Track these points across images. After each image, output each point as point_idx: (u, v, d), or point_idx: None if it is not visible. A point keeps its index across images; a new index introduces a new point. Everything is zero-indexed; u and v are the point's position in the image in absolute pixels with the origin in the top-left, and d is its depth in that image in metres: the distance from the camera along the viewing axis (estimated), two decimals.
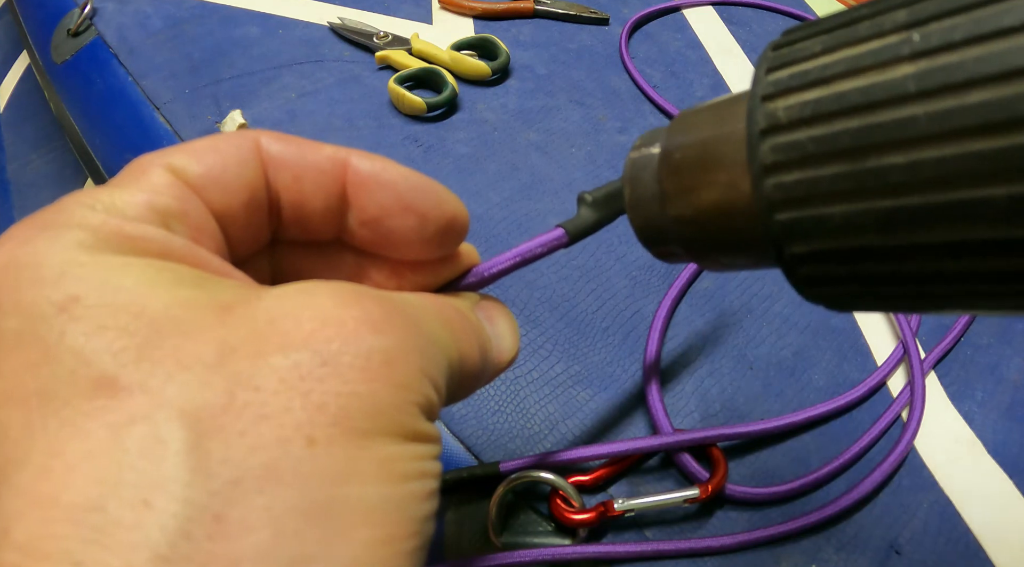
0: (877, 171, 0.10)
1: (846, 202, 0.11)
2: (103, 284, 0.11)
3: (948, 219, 0.10)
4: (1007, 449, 0.29)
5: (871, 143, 0.10)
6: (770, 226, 0.12)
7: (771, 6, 0.53)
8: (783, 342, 0.31)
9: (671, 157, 0.14)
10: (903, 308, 0.12)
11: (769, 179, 0.12)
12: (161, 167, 0.13)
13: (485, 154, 0.38)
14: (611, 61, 0.46)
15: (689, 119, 0.14)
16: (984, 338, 0.33)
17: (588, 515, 0.23)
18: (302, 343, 0.11)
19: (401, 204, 0.15)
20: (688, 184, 0.14)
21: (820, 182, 0.11)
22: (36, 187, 0.57)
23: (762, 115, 0.12)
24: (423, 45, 0.42)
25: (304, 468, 0.10)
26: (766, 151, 0.12)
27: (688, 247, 0.15)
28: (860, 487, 0.26)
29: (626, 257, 0.33)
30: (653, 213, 0.15)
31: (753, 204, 0.12)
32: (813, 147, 0.11)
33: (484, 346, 0.16)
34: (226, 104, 0.38)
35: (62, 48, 0.43)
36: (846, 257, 0.11)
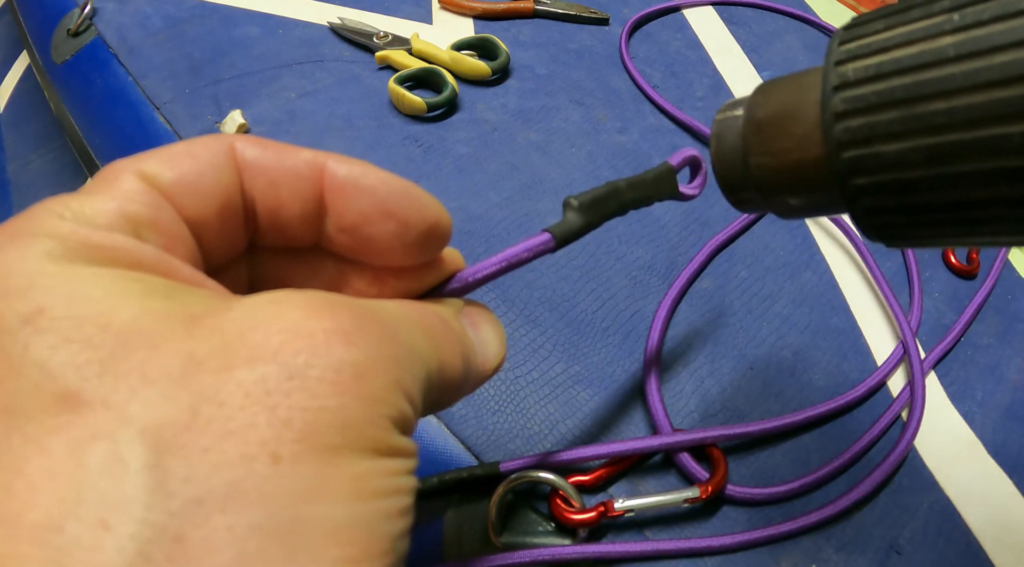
0: (923, 115, 0.13)
1: (899, 141, 0.14)
2: (70, 295, 0.11)
3: (977, 152, 0.13)
4: (1007, 449, 0.29)
5: (919, 94, 0.13)
6: (838, 163, 0.15)
7: (771, 6, 0.53)
8: (783, 342, 0.31)
9: (754, 116, 0.17)
10: (942, 237, 0.15)
11: (839, 124, 0.15)
12: (133, 174, 0.13)
13: (485, 154, 0.38)
14: (611, 61, 0.46)
15: (769, 87, 0.18)
16: (984, 338, 0.33)
17: (588, 515, 0.23)
18: (270, 356, 0.11)
19: (381, 210, 0.15)
20: (769, 136, 0.17)
21: (879, 125, 0.14)
22: (36, 187, 0.57)
23: (835, 75, 0.15)
24: (423, 45, 0.42)
25: (269, 486, 0.10)
26: (837, 102, 0.15)
27: (766, 192, 0.18)
28: (860, 487, 0.26)
29: (626, 257, 0.33)
30: (736, 164, 0.18)
31: (824, 149, 0.15)
32: (875, 98, 0.14)
33: (467, 354, 0.16)
34: (226, 104, 0.38)
35: (62, 48, 0.43)
36: (898, 188, 0.14)
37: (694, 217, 0.36)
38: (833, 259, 0.35)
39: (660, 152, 0.39)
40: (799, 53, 0.49)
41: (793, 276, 0.34)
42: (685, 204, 0.36)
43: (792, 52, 0.49)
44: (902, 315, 0.32)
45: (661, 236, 0.35)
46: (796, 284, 0.34)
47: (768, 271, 0.34)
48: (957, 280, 0.36)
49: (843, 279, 0.35)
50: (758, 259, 0.35)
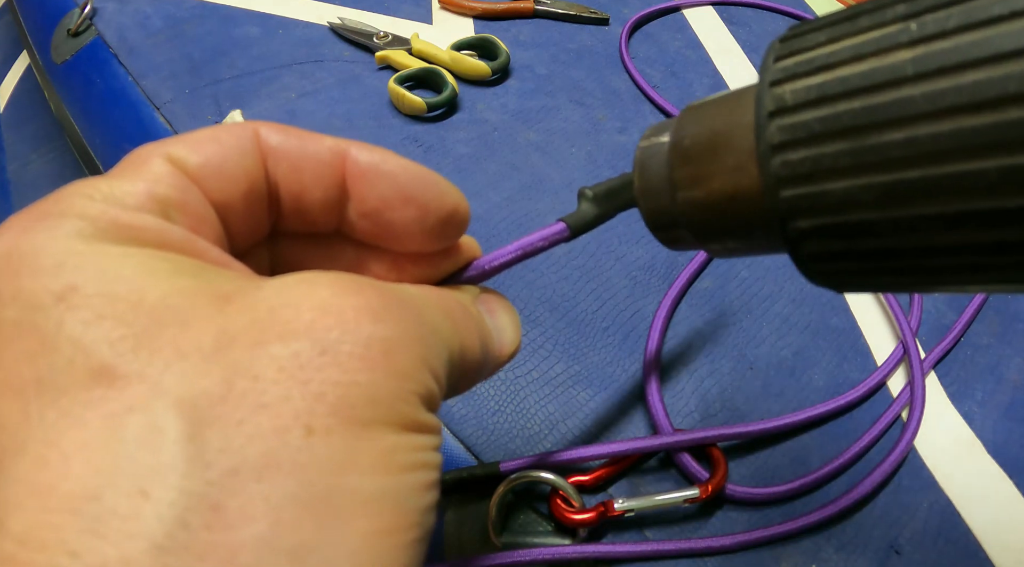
0: (876, 147, 0.11)
1: (847, 177, 0.12)
2: (101, 273, 0.11)
3: (943, 192, 0.11)
4: (1007, 449, 0.29)
5: (871, 122, 0.11)
6: (776, 203, 0.13)
7: (771, 6, 0.53)
8: (783, 342, 0.31)
9: (681, 144, 0.15)
10: (901, 286, 0.13)
11: (776, 157, 0.12)
12: (161, 157, 0.13)
13: (485, 154, 0.38)
14: (611, 61, 0.46)
15: (698, 110, 0.15)
16: (984, 338, 0.33)
17: (588, 515, 0.23)
18: (302, 332, 0.11)
19: (402, 195, 0.15)
20: (697, 169, 0.15)
21: (823, 159, 0.12)
22: (36, 187, 0.57)
23: (770, 99, 0.13)
24: (423, 45, 0.42)
25: (302, 458, 0.10)
26: (773, 131, 0.12)
27: (696, 231, 0.15)
28: (860, 487, 0.26)
29: (626, 257, 0.33)
30: (663, 199, 0.16)
31: (760, 184, 0.13)
32: (818, 126, 0.12)
33: (485, 339, 0.16)
34: (226, 104, 0.38)
35: (62, 48, 0.43)
36: (847, 232, 0.12)
37: None
38: None
39: None
40: None
41: (793, 276, 0.34)
42: None
43: None
44: (902, 315, 0.32)
45: None
46: (796, 284, 0.34)
47: (768, 271, 0.34)
48: None
49: None
50: (758, 259, 0.35)
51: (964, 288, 0.12)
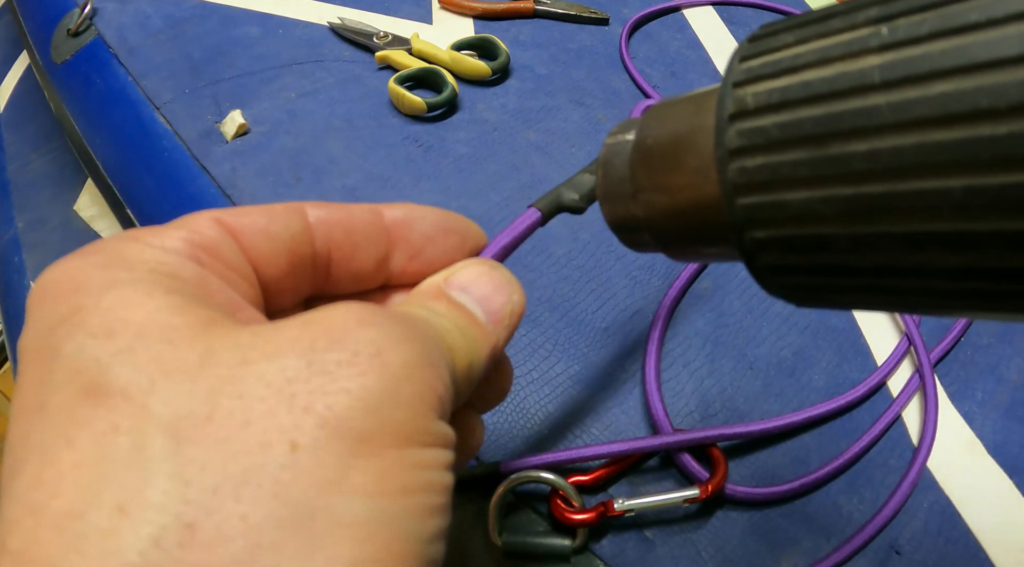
0: (838, 158, 0.10)
1: (807, 188, 0.11)
2: (102, 295, 0.11)
3: (905, 210, 0.10)
4: (1007, 449, 0.29)
5: (834, 130, 0.10)
6: (732, 211, 0.12)
7: (771, 6, 0.53)
8: (783, 342, 0.31)
9: (643, 144, 0.15)
10: (859, 304, 0.12)
11: (733, 163, 0.12)
12: (208, 216, 0.14)
13: (485, 154, 0.38)
14: (611, 61, 0.46)
15: (664, 109, 0.15)
16: (984, 338, 0.33)
17: (588, 515, 0.23)
18: (288, 348, 0.11)
19: (441, 228, 0.17)
20: (658, 171, 0.14)
21: (782, 167, 0.11)
22: (36, 187, 0.57)
23: (732, 101, 0.12)
24: (423, 45, 0.42)
25: (285, 475, 0.10)
26: (732, 136, 0.12)
27: (656, 235, 0.15)
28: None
29: (626, 257, 0.33)
30: (624, 199, 0.16)
31: (718, 190, 0.13)
32: (777, 133, 0.11)
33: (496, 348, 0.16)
34: (226, 104, 0.38)
35: (62, 48, 0.43)
36: (804, 245, 0.11)
37: None
38: None
39: None
40: None
41: None
42: None
43: None
44: (907, 315, 0.32)
45: None
46: None
47: None
48: None
49: None
50: None
51: (927, 311, 0.12)
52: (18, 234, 0.53)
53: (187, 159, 0.35)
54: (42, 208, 0.55)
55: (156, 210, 0.36)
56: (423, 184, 0.35)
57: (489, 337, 0.15)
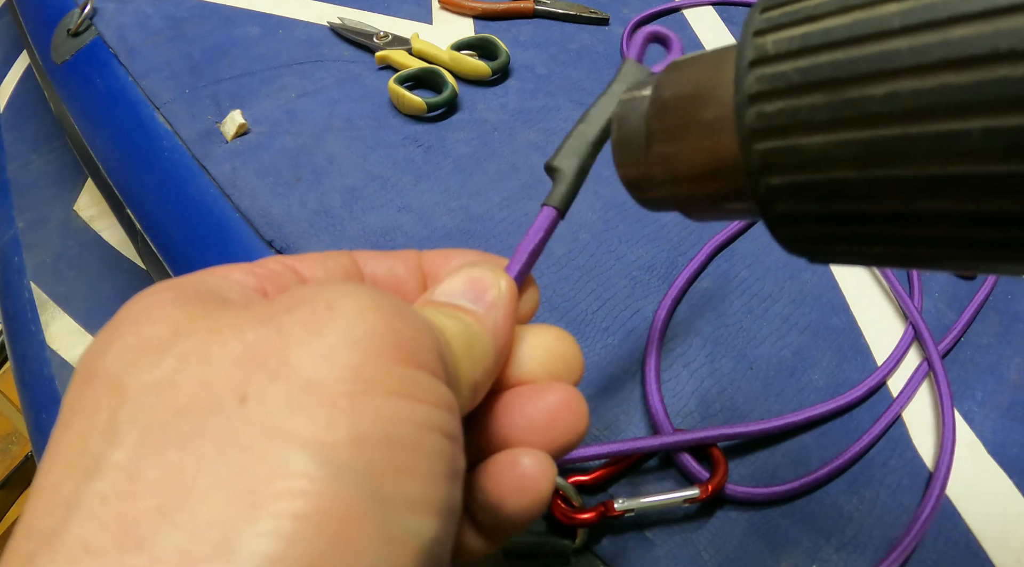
0: (856, 101, 0.11)
1: (824, 132, 0.11)
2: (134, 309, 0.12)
3: (922, 153, 0.10)
4: (1007, 449, 0.29)
5: (852, 74, 0.11)
6: (749, 157, 0.12)
7: None
8: (783, 342, 0.31)
9: (660, 97, 0.15)
10: (871, 256, 0.12)
11: (752, 108, 0.12)
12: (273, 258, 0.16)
13: (485, 154, 0.38)
14: (611, 61, 0.45)
15: (681, 64, 0.15)
16: (984, 338, 0.33)
17: (588, 515, 0.23)
18: (252, 317, 0.12)
19: (466, 259, 0.18)
20: (675, 122, 0.14)
21: (800, 111, 0.11)
22: (36, 187, 0.57)
23: (751, 48, 0.12)
24: (423, 45, 0.42)
25: (229, 426, 0.10)
26: (751, 81, 0.12)
27: (671, 189, 0.15)
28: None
29: (626, 257, 0.33)
30: (639, 154, 0.16)
31: (736, 138, 0.13)
32: (797, 77, 0.11)
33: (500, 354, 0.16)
34: (226, 104, 0.38)
35: (62, 48, 0.43)
36: (820, 192, 0.12)
37: None
38: None
39: None
40: None
41: (793, 276, 0.34)
42: None
43: None
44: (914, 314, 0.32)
45: (661, 236, 0.35)
46: (796, 284, 0.34)
47: (768, 271, 0.34)
48: (957, 280, 0.36)
49: (843, 279, 0.35)
50: (758, 259, 0.35)
51: (939, 263, 0.12)
52: (18, 234, 0.53)
53: (187, 159, 0.35)
54: (42, 208, 0.55)
55: (156, 210, 0.36)
56: (423, 184, 0.35)
57: (484, 319, 0.16)
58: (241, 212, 0.33)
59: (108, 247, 0.52)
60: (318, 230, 0.32)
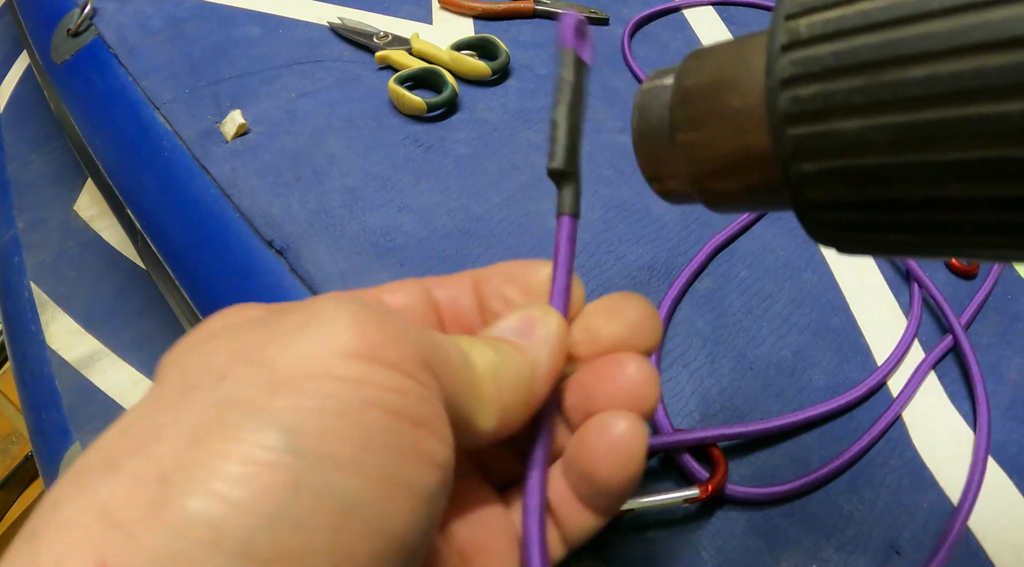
0: (894, 84, 0.10)
1: (860, 116, 0.11)
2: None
3: (961, 136, 0.10)
4: (1007, 449, 0.29)
5: (891, 56, 0.10)
6: (782, 143, 0.12)
7: (771, 6, 0.53)
8: (783, 342, 0.31)
9: (683, 84, 0.14)
10: (904, 245, 0.12)
11: (785, 93, 0.12)
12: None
13: (485, 154, 0.38)
14: (611, 61, 0.46)
15: (705, 52, 0.15)
16: (984, 338, 0.33)
17: None
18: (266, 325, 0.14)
19: (505, 277, 0.20)
20: (699, 109, 0.14)
21: (836, 95, 0.11)
22: (36, 187, 0.57)
23: (784, 32, 0.12)
24: (423, 45, 0.42)
25: (204, 396, 0.12)
26: (785, 65, 0.12)
27: (694, 178, 0.15)
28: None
29: (626, 257, 0.33)
30: (660, 143, 0.15)
31: (766, 125, 0.13)
32: (832, 61, 0.11)
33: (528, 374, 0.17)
34: (226, 104, 0.38)
35: (62, 48, 0.43)
36: (855, 177, 0.11)
37: (694, 217, 0.36)
38: (833, 259, 0.36)
39: None
40: None
41: (793, 276, 0.34)
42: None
43: None
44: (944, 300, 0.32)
45: (661, 236, 0.35)
46: (796, 284, 0.34)
47: (768, 271, 0.34)
48: (957, 280, 0.36)
49: (843, 279, 0.35)
50: (758, 259, 0.35)
51: (973, 252, 0.11)
52: (18, 234, 0.53)
53: (187, 159, 0.35)
54: (42, 208, 0.55)
55: (156, 210, 0.36)
56: (423, 184, 0.35)
57: (526, 351, 0.17)
58: (241, 212, 0.33)
59: (108, 247, 0.52)
60: (318, 230, 0.32)
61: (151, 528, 0.10)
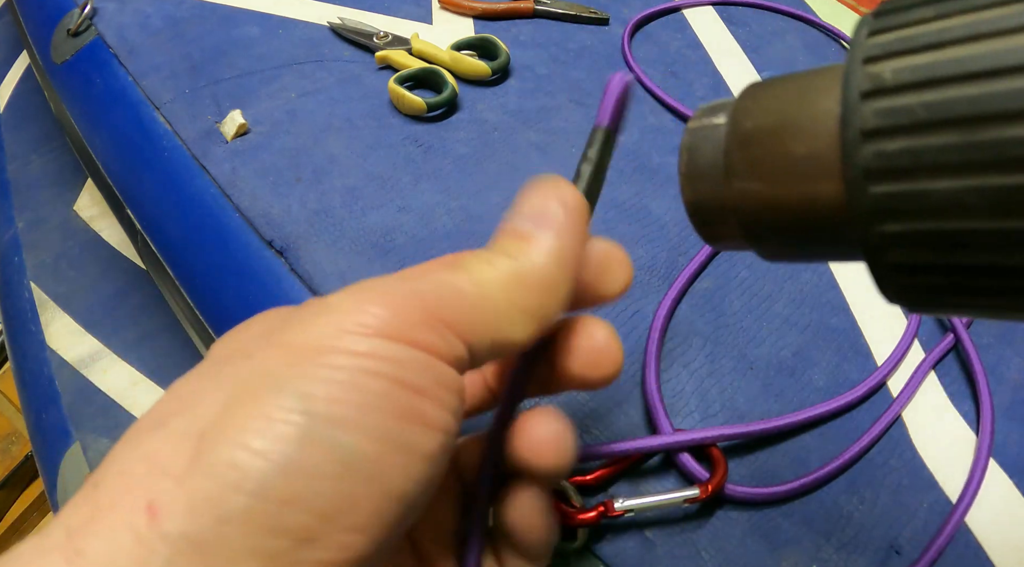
0: (994, 144, 0.09)
1: (954, 177, 0.10)
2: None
3: None
4: (1007, 449, 0.29)
5: (990, 112, 0.09)
6: (861, 200, 0.11)
7: (771, 6, 0.53)
8: (783, 342, 0.31)
9: (741, 126, 0.14)
10: (989, 309, 0.11)
11: (868, 146, 0.11)
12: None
13: (485, 154, 0.38)
14: (611, 61, 0.45)
15: (762, 89, 0.14)
16: (984, 338, 0.33)
17: (588, 515, 0.23)
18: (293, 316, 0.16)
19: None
20: (760, 155, 0.13)
21: (927, 152, 0.10)
22: (36, 187, 0.57)
23: (864, 77, 0.11)
24: (423, 45, 0.42)
25: (232, 370, 0.14)
26: (868, 115, 0.11)
27: (748, 227, 0.14)
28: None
29: None
30: (711, 187, 0.14)
31: (839, 177, 0.11)
32: (924, 113, 0.10)
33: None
34: (226, 104, 0.38)
35: (62, 48, 0.43)
36: (944, 241, 0.10)
37: None
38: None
39: (660, 152, 0.39)
40: (799, 53, 0.49)
41: (793, 276, 0.34)
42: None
43: (792, 52, 0.49)
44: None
45: (661, 236, 0.35)
46: (796, 284, 0.34)
47: (768, 271, 0.34)
48: None
49: (843, 279, 0.35)
50: (758, 259, 0.35)
51: None
52: (18, 234, 0.53)
53: (187, 159, 0.35)
54: (42, 208, 0.55)
55: (156, 210, 0.36)
56: (423, 184, 0.35)
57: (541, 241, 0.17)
58: (241, 212, 0.33)
59: (108, 247, 0.52)
60: (318, 230, 0.32)
61: (191, 475, 0.12)
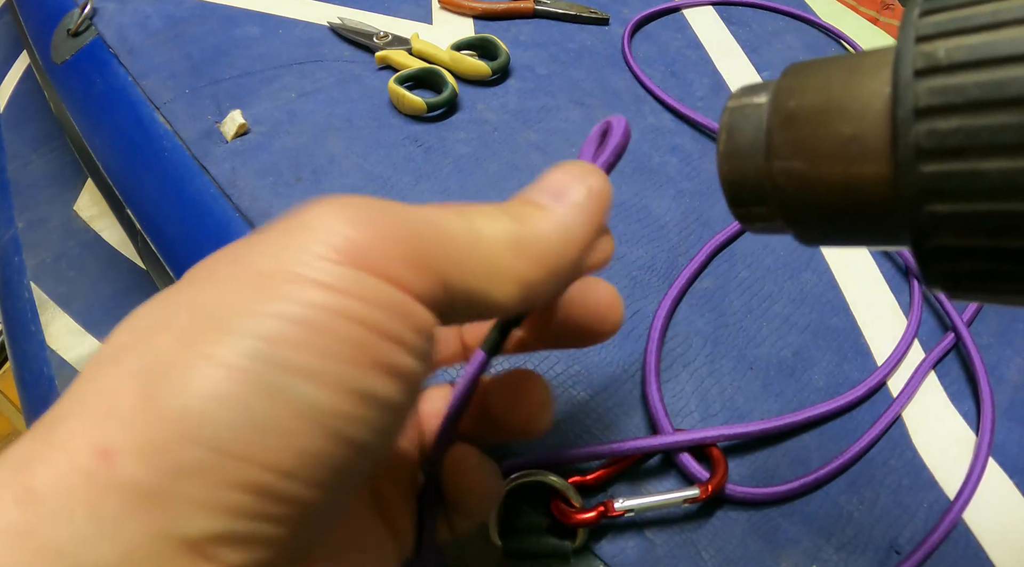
0: None
1: (1009, 157, 0.10)
2: None
3: None
4: (1007, 449, 0.29)
5: None
6: (911, 180, 0.11)
7: (771, 6, 0.53)
8: (783, 342, 0.31)
9: (784, 106, 0.13)
10: None
11: (921, 124, 0.11)
12: None
13: (485, 154, 0.38)
14: (611, 61, 0.46)
15: (805, 69, 0.14)
16: (984, 338, 0.33)
17: (588, 515, 0.23)
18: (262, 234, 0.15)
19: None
20: (804, 134, 0.13)
21: (982, 132, 0.10)
22: (36, 187, 0.57)
23: (919, 55, 0.11)
24: (423, 45, 0.42)
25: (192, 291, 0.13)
26: (922, 93, 0.11)
27: (789, 209, 0.14)
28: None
29: (626, 257, 0.33)
30: (752, 168, 0.14)
31: (888, 156, 0.11)
32: (978, 92, 0.10)
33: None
34: (226, 104, 0.38)
35: (62, 48, 0.43)
36: (995, 224, 0.10)
37: (694, 217, 0.36)
38: (833, 259, 0.36)
39: (660, 152, 0.39)
40: (799, 53, 0.49)
41: (793, 276, 0.34)
42: (685, 203, 0.36)
43: (792, 52, 0.49)
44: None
45: (661, 236, 0.35)
46: (796, 284, 0.34)
47: (768, 271, 0.34)
48: None
49: (843, 279, 0.35)
50: (758, 259, 0.35)
51: None
52: (18, 234, 0.53)
53: (187, 159, 0.35)
54: (42, 208, 0.55)
55: (156, 210, 0.36)
56: (423, 184, 0.35)
57: (554, 215, 0.16)
58: (241, 212, 0.33)
59: (108, 247, 0.52)
60: None
61: (141, 420, 0.11)
